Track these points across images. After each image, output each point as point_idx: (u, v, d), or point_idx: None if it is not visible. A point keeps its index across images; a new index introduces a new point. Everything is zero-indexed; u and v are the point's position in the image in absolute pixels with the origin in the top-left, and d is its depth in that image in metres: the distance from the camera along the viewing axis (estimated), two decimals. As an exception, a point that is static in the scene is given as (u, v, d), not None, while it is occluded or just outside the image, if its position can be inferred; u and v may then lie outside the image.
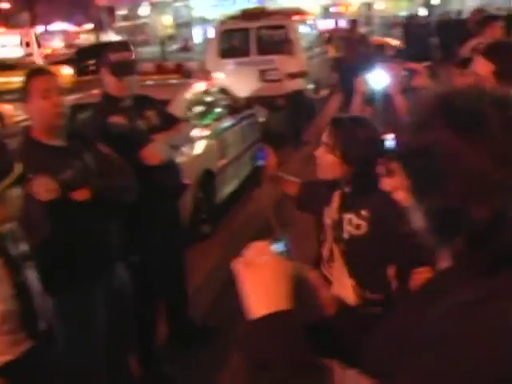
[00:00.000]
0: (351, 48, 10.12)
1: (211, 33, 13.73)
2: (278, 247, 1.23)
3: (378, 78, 3.99)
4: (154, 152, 3.60)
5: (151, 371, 3.89)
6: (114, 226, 3.14)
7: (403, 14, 28.34)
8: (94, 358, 3.11)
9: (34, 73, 3.05)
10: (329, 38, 16.76)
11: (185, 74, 8.20)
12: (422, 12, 29.42)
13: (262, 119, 8.96)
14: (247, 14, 12.46)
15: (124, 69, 3.61)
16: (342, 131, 2.54)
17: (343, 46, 11.02)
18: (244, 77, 11.23)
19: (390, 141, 1.18)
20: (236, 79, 10.54)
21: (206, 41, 19.18)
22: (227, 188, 7.15)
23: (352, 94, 4.13)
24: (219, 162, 6.87)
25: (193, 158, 6.10)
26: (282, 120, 10.45)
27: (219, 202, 6.91)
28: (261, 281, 1.17)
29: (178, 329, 4.30)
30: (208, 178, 6.41)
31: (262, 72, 11.67)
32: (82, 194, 2.90)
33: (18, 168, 2.32)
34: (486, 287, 1.02)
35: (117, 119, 3.63)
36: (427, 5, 32.67)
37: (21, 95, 3.01)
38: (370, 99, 4.11)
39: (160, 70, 8.19)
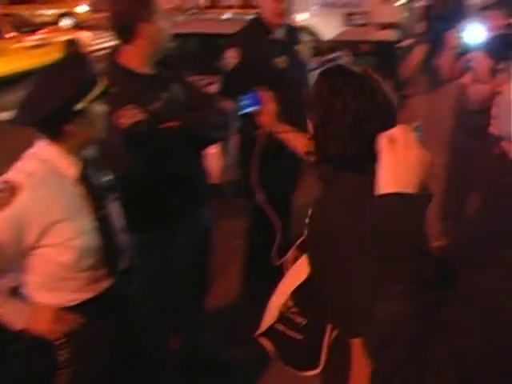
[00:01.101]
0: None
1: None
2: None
3: (474, 32, 3.51)
4: None
5: None
6: (203, 166, 2.87)
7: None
8: (171, 299, 2.97)
9: None
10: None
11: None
12: None
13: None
14: None
15: None
16: None
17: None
18: (329, 19, 10.77)
19: None
20: (321, 20, 10.09)
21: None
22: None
23: (438, 46, 3.69)
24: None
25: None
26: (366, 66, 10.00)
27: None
28: (403, 160, 1.18)
29: None
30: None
31: (349, 15, 11.16)
32: (171, 127, 2.66)
33: (101, 82, 2.10)
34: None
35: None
36: None
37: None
38: (461, 54, 3.62)
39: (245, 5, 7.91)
